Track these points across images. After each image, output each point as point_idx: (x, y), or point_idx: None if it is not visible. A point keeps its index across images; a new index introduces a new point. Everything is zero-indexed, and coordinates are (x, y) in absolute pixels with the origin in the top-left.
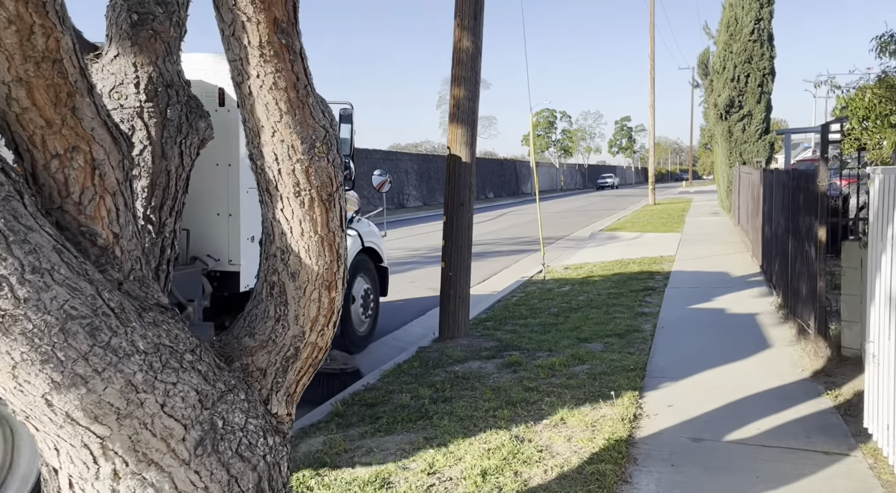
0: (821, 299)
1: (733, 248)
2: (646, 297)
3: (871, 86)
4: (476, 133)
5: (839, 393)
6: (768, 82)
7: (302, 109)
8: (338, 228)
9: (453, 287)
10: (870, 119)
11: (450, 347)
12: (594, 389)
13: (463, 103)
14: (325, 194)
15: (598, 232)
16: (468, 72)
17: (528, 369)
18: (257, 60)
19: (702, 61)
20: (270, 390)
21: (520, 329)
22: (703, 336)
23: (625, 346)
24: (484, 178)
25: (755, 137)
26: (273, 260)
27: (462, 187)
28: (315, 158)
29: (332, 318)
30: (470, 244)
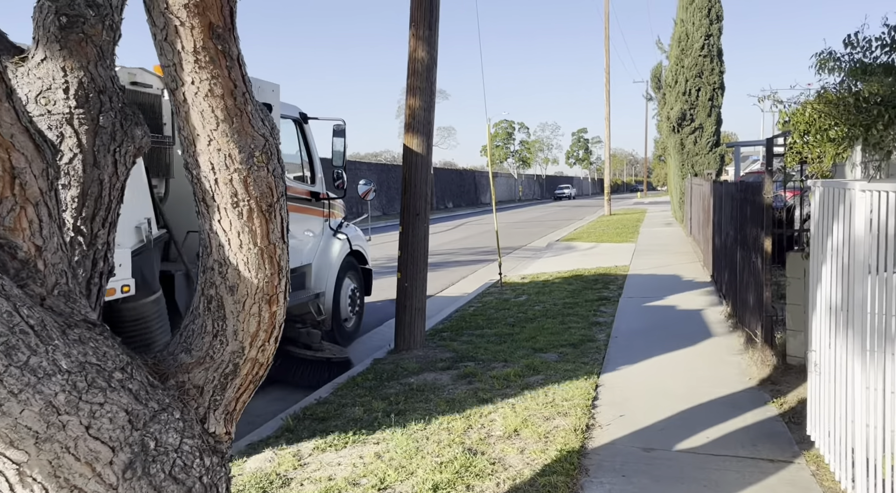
0: (767, 309)
1: (686, 258)
2: (600, 306)
3: (811, 102)
4: (432, 143)
5: (784, 401)
6: (718, 96)
7: (240, 118)
8: (279, 239)
9: (409, 298)
10: (810, 133)
11: (405, 358)
12: (548, 399)
13: (419, 113)
14: (265, 205)
15: (554, 242)
16: (424, 82)
17: (483, 380)
18: (192, 67)
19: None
20: (208, 408)
21: (476, 340)
22: (656, 346)
23: (579, 356)
24: (443, 188)
25: (706, 149)
26: (210, 273)
27: (418, 198)
28: (254, 167)
29: (273, 332)
30: (426, 255)
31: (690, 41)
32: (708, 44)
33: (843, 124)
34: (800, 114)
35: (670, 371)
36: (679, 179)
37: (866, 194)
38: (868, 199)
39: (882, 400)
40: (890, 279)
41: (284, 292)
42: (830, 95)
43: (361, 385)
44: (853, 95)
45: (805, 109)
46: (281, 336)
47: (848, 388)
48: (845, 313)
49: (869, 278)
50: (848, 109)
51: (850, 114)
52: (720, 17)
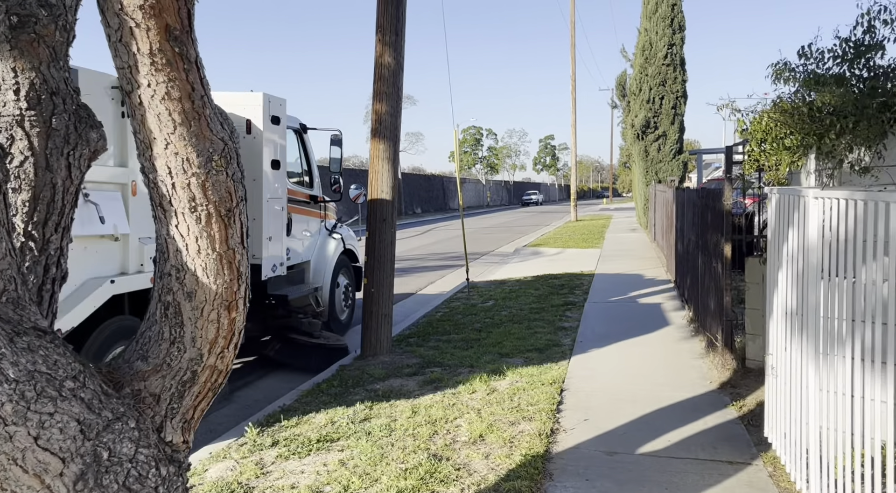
0: (727, 314)
1: (650, 263)
2: (566, 311)
3: (767, 111)
4: (398, 149)
5: (743, 404)
6: (681, 105)
7: (198, 121)
8: (238, 245)
9: (375, 304)
10: (767, 142)
11: (371, 364)
12: (514, 404)
13: (385, 119)
14: (224, 210)
15: (522, 248)
16: (390, 88)
17: (450, 385)
18: (148, 69)
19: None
20: (165, 416)
21: (443, 345)
22: (620, 350)
23: (545, 360)
24: (412, 193)
25: (669, 156)
26: (168, 279)
27: (384, 203)
28: (212, 172)
29: (232, 339)
30: (393, 260)
31: (654, 50)
32: (671, 53)
33: (798, 133)
34: (757, 123)
35: (634, 376)
36: (643, 185)
37: (819, 201)
38: (821, 205)
39: (834, 402)
40: (841, 284)
41: (244, 298)
42: (786, 104)
43: (326, 392)
44: (807, 105)
45: (762, 118)
46: (285, 325)
47: (803, 390)
48: (800, 318)
49: (822, 284)
50: (802, 118)
51: (804, 123)
52: (682, 26)
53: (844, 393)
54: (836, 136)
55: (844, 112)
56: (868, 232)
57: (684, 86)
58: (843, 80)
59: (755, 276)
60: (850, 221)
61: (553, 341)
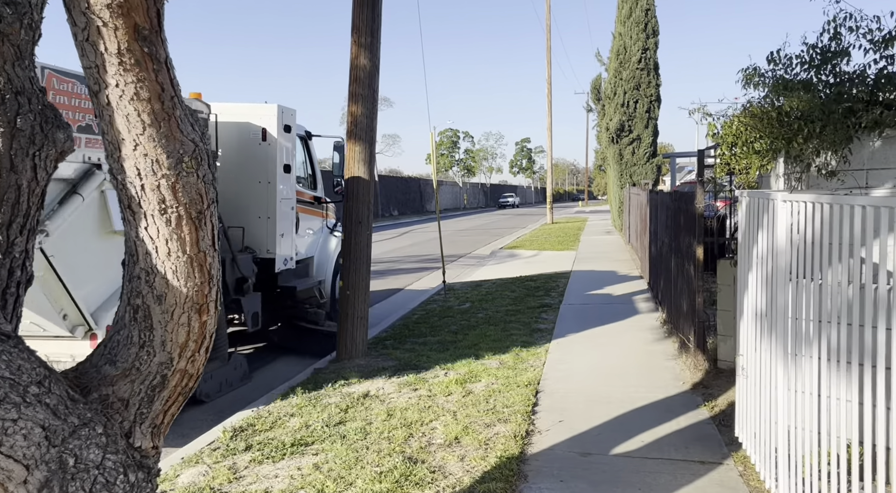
0: (699, 315)
1: (624, 266)
2: (542, 313)
3: (738, 115)
4: (374, 151)
5: (715, 404)
6: (655, 108)
7: (168, 122)
8: (209, 247)
9: (351, 306)
10: (738, 146)
11: (347, 367)
12: (489, 406)
13: (361, 121)
14: (195, 212)
15: (498, 250)
16: (366, 89)
17: (426, 388)
18: (116, 69)
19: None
20: (133, 421)
21: (419, 348)
22: (594, 352)
23: (520, 362)
24: (389, 195)
25: (644, 159)
26: (137, 282)
27: (360, 205)
28: (183, 173)
29: (203, 343)
30: (369, 263)
31: (628, 54)
32: (645, 57)
33: (767, 137)
34: (728, 127)
35: (608, 377)
36: (618, 188)
37: (787, 204)
38: (789, 209)
39: (802, 401)
40: (808, 286)
41: (215, 301)
42: (755, 109)
43: (301, 395)
44: (776, 110)
45: (733, 122)
46: (293, 314)
47: (772, 390)
48: (769, 319)
49: (790, 285)
50: (771, 122)
51: (773, 127)
52: (656, 31)
53: (812, 393)
54: (804, 140)
55: (812, 117)
56: (834, 235)
57: (658, 90)
58: (810, 85)
59: (727, 278)
60: (818, 224)
61: (529, 343)
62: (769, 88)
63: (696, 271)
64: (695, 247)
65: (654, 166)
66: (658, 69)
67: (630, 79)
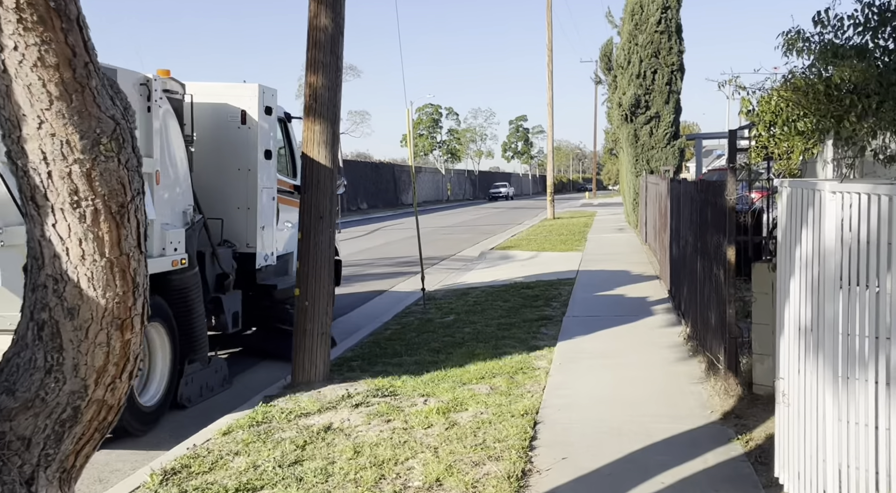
0: (731, 330)
1: (640, 269)
2: (541, 328)
3: (777, 88)
4: (338, 130)
5: (750, 438)
6: (677, 80)
7: (81, 94)
8: (134, 248)
9: (311, 320)
10: (777, 125)
11: (305, 394)
12: (478, 441)
13: (322, 94)
14: (115, 205)
15: (489, 251)
16: (328, 56)
17: (401, 419)
18: (14, 27)
19: (604, 54)
20: (37, 465)
21: (393, 370)
22: (604, 374)
23: (515, 387)
24: (356, 185)
25: (663, 142)
26: (42, 292)
27: (321, 196)
28: (100, 158)
29: (126, 367)
30: (332, 267)
31: (645, 14)
32: (665, 18)
33: (813, 115)
34: (765, 103)
35: (621, 404)
36: (633, 176)
37: (837, 196)
38: (839, 201)
39: (856, 434)
40: (863, 295)
41: (141, 316)
42: (799, 80)
43: (248, 429)
44: (823, 82)
45: (771, 97)
46: (271, 315)
47: (819, 421)
48: (816, 335)
49: (840, 294)
50: (818, 97)
51: (820, 103)
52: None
53: (868, 424)
54: (857, 118)
55: (867, 90)
56: (894, 233)
57: (681, 58)
58: (865, 52)
59: (764, 284)
60: (874, 221)
61: (526, 364)
62: (816, 56)
63: (727, 276)
64: (725, 247)
65: (675, 150)
66: (681, 32)
67: (647, 44)
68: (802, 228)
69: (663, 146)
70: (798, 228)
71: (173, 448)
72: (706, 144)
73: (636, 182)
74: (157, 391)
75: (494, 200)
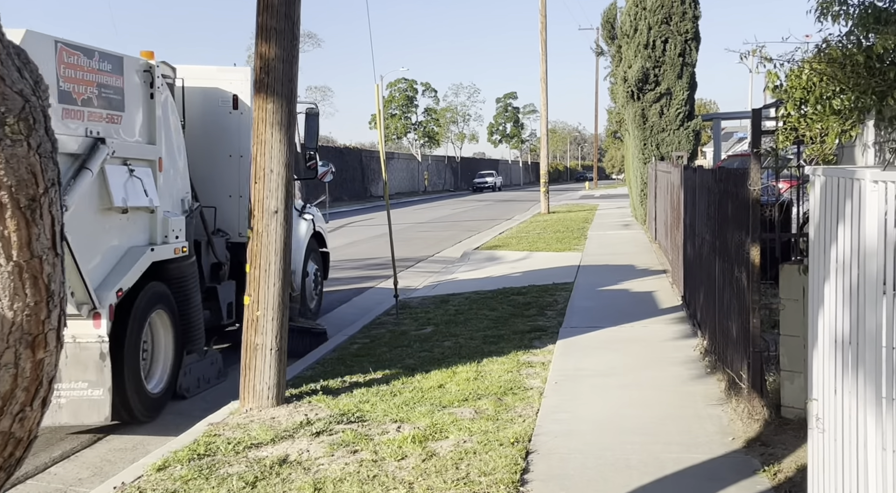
0: (755, 343)
1: (648, 272)
2: (534, 341)
3: (809, 60)
4: (295, 109)
5: (779, 469)
6: (691, 51)
7: None
8: (48, 250)
9: (262, 333)
10: (809, 103)
11: (256, 421)
12: (460, 474)
13: (274, 66)
14: (25, 198)
15: (473, 251)
16: (281, 21)
17: (369, 449)
18: None
19: (607, 20)
20: None
21: (361, 391)
22: (607, 395)
23: (503, 411)
24: None
25: (676, 123)
26: None
27: (275, 187)
28: (5, 141)
29: (38, 392)
30: (287, 270)
31: None
32: None
33: (852, 91)
34: (795, 77)
35: (627, 430)
36: (640, 164)
37: (879, 186)
38: (882, 192)
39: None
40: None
41: (57, 331)
42: (835, 50)
43: (187, 464)
44: (863, 52)
45: (802, 70)
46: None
47: (859, 450)
48: (855, 349)
49: (884, 300)
50: (857, 70)
51: (859, 77)
52: None
53: None
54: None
55: None
56: None
57: (696, 24)
58: None
59: (794, 290)
60: None
61: (516, 383)
62: (854, 22)
63: (751, 280)
64: (748, 246)
65: (690, 133)
66: None
67: (657, 9)
68: (838, 224)
69: (675, 128)
70: (834, 223)
71: (95, 489)
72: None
73: (644, 170)
74: (161, 379)
75: (479, 192)
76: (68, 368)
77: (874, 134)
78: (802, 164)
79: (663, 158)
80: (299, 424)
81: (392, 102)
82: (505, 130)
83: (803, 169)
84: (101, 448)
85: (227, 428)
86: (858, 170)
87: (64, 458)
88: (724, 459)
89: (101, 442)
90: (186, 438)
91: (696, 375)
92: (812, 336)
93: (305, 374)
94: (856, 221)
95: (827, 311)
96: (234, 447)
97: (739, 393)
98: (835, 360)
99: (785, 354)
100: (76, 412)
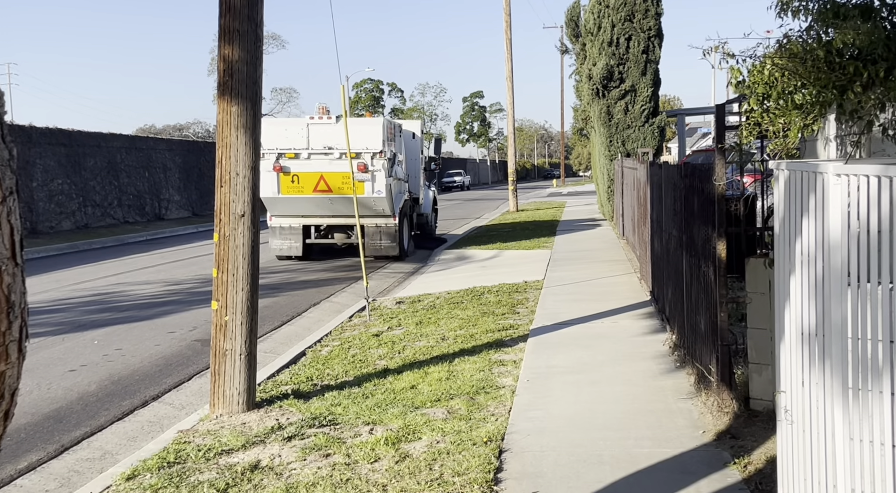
0: (723, 336)
1: (618, 268)
2: (505, 339)
3: (771, 55)
4: (260, 112)
5: (749, 461)
6: (655, 48)
7: None
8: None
9: (230, 338)
10: (771, 98)
11: (226, 427)
12: (433, 475)
13: (238, 69)
14: None
15: (442, 251)
16: (244, 23)
17: (342, 452)
18: None
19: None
20: None
21: (332, 394)
22: (579, 391)
23: (476, 410)
24: None
25: (641, 119)
26: None
27: (241, 190)
28: None
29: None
30: (256, 275)
31: None
32: None
33: (812, 86)
34: (757, 72)
35: (600, 426)
36: (606, 160)
37: (842, 179)
38: (845, 185)
39: (870, 455)
40: (874, 293)
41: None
42: (795, 46)
43: (157, 472)
44: (823, 47)
45: (764, 65)
46: (420, 224)
47: (827, 440)
48: (821, 340)
49: (849, 292)
50: (817, 65)
51: (820, 72)
52: None
53: (883, 443)
54: (863, 88)
55: (873, 56)
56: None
57: (658, 21)
58: (870, 11)
59: (760, 283)
60: (885, 207)
61: (488, 382)
62: (814, 17)
63: (718, 274)
64: (714, 241)
65: (655, 129)
66: None
67: (620, 6)
68: (803, 217)
69: (641, 125)
70: (798, 216)
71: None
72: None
73: (610, 167)
74: (409, 242)
75: (448, 191)
76: (382, 238)
77: (836, 128)
78: (766, 158)
79: (629, 154)
80: (271, 429)
81: (358, 102)
82: (472, 130)
83: (767, 163)
84: (69, 459)
85: (197, 435)
86: (821, 164)
87: (30, 469)
88: (695, 452)
89: (68, 453)
90: (155, 446)
91: (666, 369)
92: (779, 329)
93: (277, 378)
94: (820, 215)
95: (793, 304)
96: (205, 453)
97: (709, 387)
98: (802, 352)
99: (753, 347)
100: (383, 251)
